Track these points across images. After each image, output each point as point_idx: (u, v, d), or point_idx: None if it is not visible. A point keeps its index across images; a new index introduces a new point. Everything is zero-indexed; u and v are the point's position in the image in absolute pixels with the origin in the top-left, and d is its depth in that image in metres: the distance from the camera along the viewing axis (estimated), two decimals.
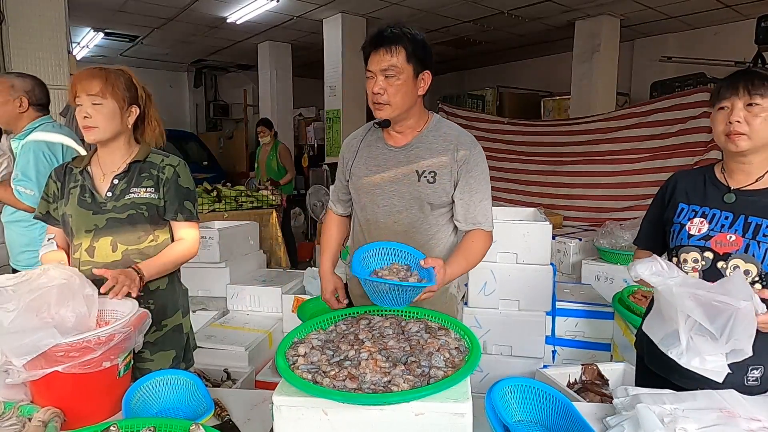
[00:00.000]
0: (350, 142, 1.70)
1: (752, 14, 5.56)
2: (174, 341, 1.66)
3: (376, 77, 1.47)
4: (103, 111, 1.50)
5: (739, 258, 1.30)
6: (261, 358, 2.75)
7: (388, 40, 1.44)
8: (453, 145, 1.55)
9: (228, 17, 6.67)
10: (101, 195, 1.56)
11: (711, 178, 1.43)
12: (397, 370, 1.12)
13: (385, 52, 1.44)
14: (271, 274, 3.51)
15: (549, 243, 2.63)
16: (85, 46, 8.05)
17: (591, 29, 6.54)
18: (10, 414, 1.18)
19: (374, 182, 1.59)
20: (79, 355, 1.16)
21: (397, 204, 1.57)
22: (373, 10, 6.35)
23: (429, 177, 1.53)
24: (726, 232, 1.33)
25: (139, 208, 1.55)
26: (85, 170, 1.58)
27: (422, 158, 1.55)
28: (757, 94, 1.27)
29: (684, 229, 1.40)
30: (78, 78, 1.50)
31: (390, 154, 1.58)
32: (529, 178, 5.22)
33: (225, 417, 1.30)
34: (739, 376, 1.32)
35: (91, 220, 1.53)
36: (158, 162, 1.62)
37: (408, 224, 1.57)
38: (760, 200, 1.33)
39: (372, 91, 1.48)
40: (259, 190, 4.81)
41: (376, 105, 1.50)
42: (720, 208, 1.37)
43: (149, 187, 1.58)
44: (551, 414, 1.22)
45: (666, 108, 4.30)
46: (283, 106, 8.41)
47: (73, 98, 1.49)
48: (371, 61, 1.48)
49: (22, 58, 3.76)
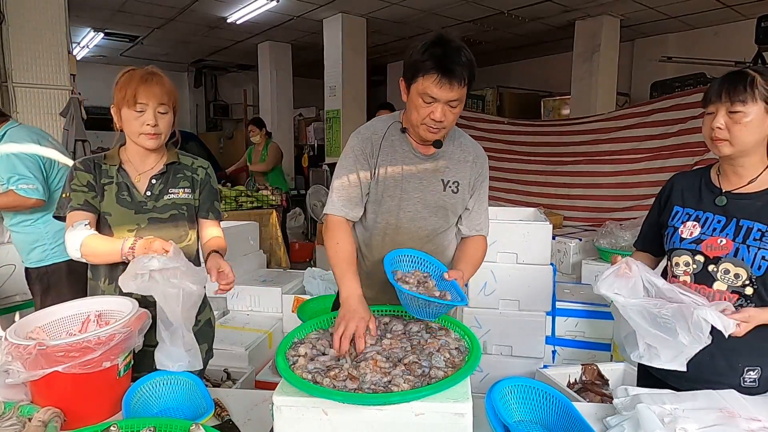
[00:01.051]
0: (369, 136, 1.56)
1: (752, 14, 5.56)
2: (206, 335, 1.73)
3: (440, 105, 1.39)
4: (167, 119, 1.54)
5: (729, 262, 1.31)
6: (261, 358, 2.75)
7: (453, 73, 1.35)
8: (472, 157, 1.61)
9: (228, 17, 6.67)
10: (140, 194, 1.57)
11: (706, 180, 1.44)
12: (397, 370, 1.12)
13: (450, 86, 1.36)
14: (271, 274, 3.51)
15: (549, 243, 2.63)
16: (85, 46, 8.06)
17: (591, 29, 6.54)
18: (10, 414, 1.18)
19: (401, 187, 1.54)
20: (79, 355, 1.16)
21: (422, 211, 1.56)
22: (373, 10, 6.35)
23: (453, 187, 1.57)
24: (717, 236, 1.34)
25: (180, 208, 1.60)
26: (122, 168, 1.58)
27: (447, 168, 1.57)
28: (738, 101, 1.27)
29: (677, 233, 1.41)
30: (142, 83, 1.48)
31: (417, 160, 1.55)
32: (529, 178, 5.22)
33: (225, 417, 1.30)
34: (735, 378, 1.33)
35: (133, 219, 1.54)
36: (190, 164, 1.67)
37: (431, 230, 1.59)
38: (753, 203, 1.33)
39: (434, 119, 1.41)
40: (259, 190, 4.81)
41: (432, 129, 1.44)
42: (713, 212, 1.38)
43: (186, 188, 1.63)
44: (551, 414, 1.22)
45: (666, 108, 4.30)
46: (283, 106, 8.42)
47: (132, 101, 1.47)
48: (433, 87, 1.36)
49: (22, 58, 3.76)
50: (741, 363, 1.33)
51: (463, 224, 1.64)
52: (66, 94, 3.85)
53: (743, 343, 1.30)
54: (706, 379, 1.32)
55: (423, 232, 1.58)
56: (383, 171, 1.54)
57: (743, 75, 1.29)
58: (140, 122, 1.49)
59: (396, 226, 1.57)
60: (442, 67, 1.34)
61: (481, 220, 1.65)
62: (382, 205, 1.56)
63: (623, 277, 1.28)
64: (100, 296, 1.48)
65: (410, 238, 1.57)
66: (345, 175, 1.55)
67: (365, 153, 1.54)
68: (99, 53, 8.79)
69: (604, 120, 4.80)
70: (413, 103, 1.43)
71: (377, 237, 1.59)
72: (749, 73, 1.28)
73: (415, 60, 1.39)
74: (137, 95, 1.47)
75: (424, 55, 1.36)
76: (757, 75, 1.27)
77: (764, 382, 1.33)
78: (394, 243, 1.56)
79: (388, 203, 1.55)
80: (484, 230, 1.67)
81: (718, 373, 1.33)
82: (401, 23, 6.83)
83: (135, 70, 1.52)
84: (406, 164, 1.54)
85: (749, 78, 1.27)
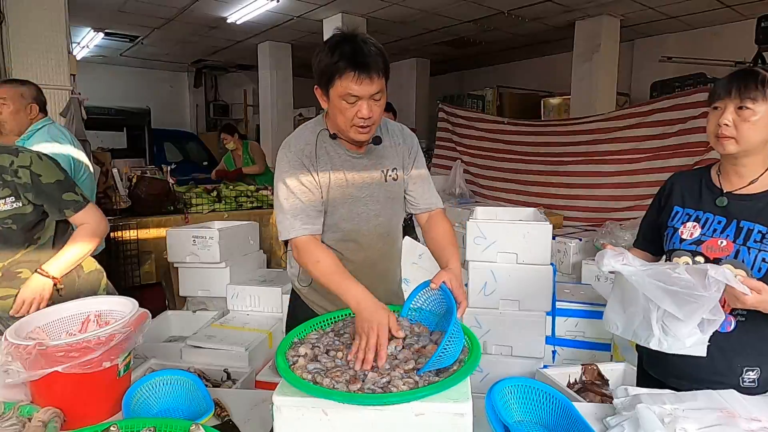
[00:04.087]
0: (302, 148, 1.49)
1: (752, 14, 5.55)
2: None
3: (364, 101, 1.37)
4: None
5: (729, 264, 1.29)
6: (261, 358, 2.75)
7: (369, 66, 1.34)
8: (400, 139, 1.61)
9: (228, 17, 6.67)
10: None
11: (706, 180, 1.42)
12: (396, 372, 1.12)
13: (369, 79, 1.34)
14: (271, 274, 3.50)
15: (549, 243, 2.62)
16: (85, 46, 8.05)
17: (591, 29, 6.54)
18: (10, 414, 1.18)
19: (348, 191, 1.52)
20: (79, 355, 1.16)
21: (374, 208, 1.56)
22: (373, 10, 6.35)
23: (393, 174, 1.58)
24: (718, 237, 1.32)
25: (4, 222, 1.43)
26: None
27: (383, 159, 1.57)
28: (748, 98, 1.25)
29: (677, 233, 1.40)
30: None
31: (354, 161, 1.53)
32: (529, 178, 5.21)
33: (225, 417, 1.30)
34: (734, 378, 1.32)
35: None
36: (7, 164, 1.44)
37: (387, 225, 1.60)
38: (754, 204, 1.31)
39: (362, 116, 1.38)
40: (259, 190, 4.80)
41: (363, 129, 1.42)
42: (713, 212, 1.36)
43: (7, 197, 1.42)
44: (551, 414, 1.22)
45: (666, 108, 4.30)
46: (283, 106, 8.41)
47: None
48: (352, 85, 1.34)
49: (22, 58, 3.76)
50: (740, 363, 1.33)
51: (416, 203, 1.63)
52: (66, 94, 3.84)
53: (742, 343, 1.31)
54: (705, 380, 1.32)
55: (381, 228, 1.58)
56: (326, 180, 1.49)
57: (754, 73, 1.27)
58: None
59: (357, 230, 1.55)
60: (357, 64, 1.32)
61: (432, 193, 1.65)
62: (335, 213, 1.52)
63: (620, 254, 1.27)
64: (100, 296, 1.48)
65: (372, 239, 1.57)
66: (293, 194, 1.45)
67: (304, 165, 1.47)
68: (99, 53, 8.79)
69: (604, 120, 4.80)
70: (337, 108, 1.40)
71: (341, 246, 1.55)
72: (760, 72, 1.27)
73: (326, 64, 1.36)
74: None
75: (335, 56, 1.34)
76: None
77: (764, 383, 1.33)
78: (358, 248, 1.56)
79: (340, 211, 1.52)
80: (439, 203, 1.66)
81: (717, 373, 1.32)
82: (401, 23, 6.82)
83: None
84: (346, 167, 1.51)
85: (760, 76, 1.26)
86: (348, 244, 1.56)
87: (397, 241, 1.68)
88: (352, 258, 1.55)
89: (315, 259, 1.41)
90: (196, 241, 3.20)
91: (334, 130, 1.50)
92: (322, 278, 1.39)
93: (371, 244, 1.57)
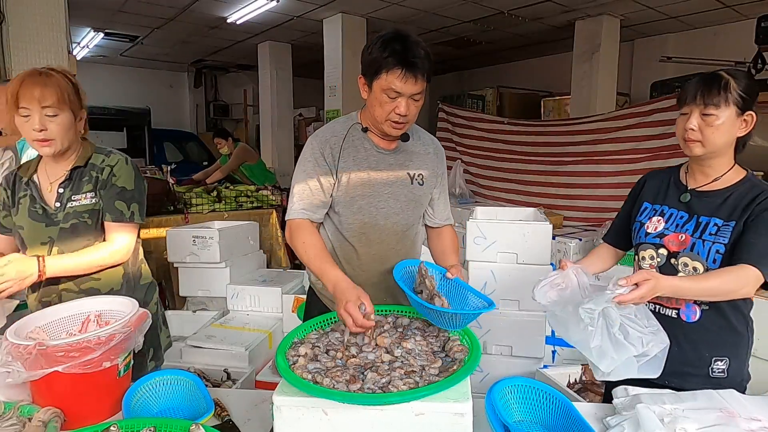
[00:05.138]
0: (328, 139, 1.54)
1: (752, 14, 5.55)
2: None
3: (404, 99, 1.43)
4: (59, 122, 1.42)
5: (686, 256, 1.36)
6: (261, 358, 2.75)
7: (416, 66, 1.39)
8: (432, 149, 1.67)
9: (228, 17, 6.67)
10: (51, 206, 1.49)
11: (675, 178, 1.50)
12: (397, 372, 1.12)
13: (414, 79, 1.40)
14: (271, 274, 3.50)
15: (549, 243, 2.62)
16: (85, 46, 8.06)
17: (591, 29, 6.53)
18: (10, 414, 1.18)
19: (370, 185, 1.55)
20: (79, 355, 1.16)
21: (394, 206, 1.58)
22: (373, 10, 6.35)
23: (419, 179, 1.62)
24: (679, 231, 1.39)
25: (80, 216, 1.48)
26: (31, 180, 1.51)
27: (411, 161, 1.61)
28: (711, 104, 1.31)
29: (643, 228, 1.47)
30: (22, 84, 1.38)
31: (381, 156, 1.57)
32: (529, 178, 5.21)
33: (225, 417, 1.30)
34: (704, 368, 1.37)
35: (44, 232, 1.47)
36: (99, 162, 1.53)
37: (405, 225, 1.62)
38: (713, 200, 1.38)
39: (399, 113, 1.44)
40: (260, 190, 4.80)
41: (397, 124, 1.47)
42: (677, 208, 1.44)
43: (89, 192, 1.49)
44: (551, 414, 1.22)
45: (666, 108, 4.29)
46: (283, 106, 8.41)
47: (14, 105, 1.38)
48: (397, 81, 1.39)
49: (22, 58, 3.76)
50: (708, 353, 1.37)
51: (433, 216, 1.71)
52: None
53: (709, 332, 1.37)
54: (676, 371, 1.34)
55: (398, 227, 1.60)
56: (348, 172, 1.53)
57: (718, 78, 1.32)
58: (28, 128, 1.40)
59: (373, 224, 1.57)
60: (405, 62, 1.38)
61: (447, 210, 1.75)
62: (354, 205, 1.56)
63: (556, 288, 1.32)
64: (100, 296, 1.48)
65: (387, 235, 1.59)
66: (305, 181, 1.53)
67: (324, 156, 1.53)
68: (99, 53, 8.79)
69: (604, 120, 4.79)
70: (377, 100, 1.45)
71: (354, 239, 1.59)
72: (723, 77, 1.32)
73: (375, 57, 1.41)
74: (18, 98, 1.37)
75: (386, 52, 1.39)
76: (731, 79, 1.31)
77: (733, 373, 1.37)
78: (371, 242, 1.58)
79: (359, 203, 1.55)
80: (451, 219, 1.77)
81: (687, 363, 1.36)
82: (401, 23, 6.82)
83: (27, 71, 1.42)
84: (371, 162, 1.55)
85: (723, 81, 1.31)
86: (362, 237, 1.58)
87: (416, 245, 1.71)
88: (364, 251, 1.58)
89: (302, 240, 1.48)
90: (196, 241, 3.20)
91: (368, 122, 1.56)
92: (305, 257, 1.46)
93: (385, 239, 1.59)
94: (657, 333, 1.20)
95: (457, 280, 1.46)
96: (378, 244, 1.58)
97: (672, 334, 1.26)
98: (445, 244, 1.69)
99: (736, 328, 1.37)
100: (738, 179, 1.38)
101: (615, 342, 1.16)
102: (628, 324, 1.17)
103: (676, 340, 1.31)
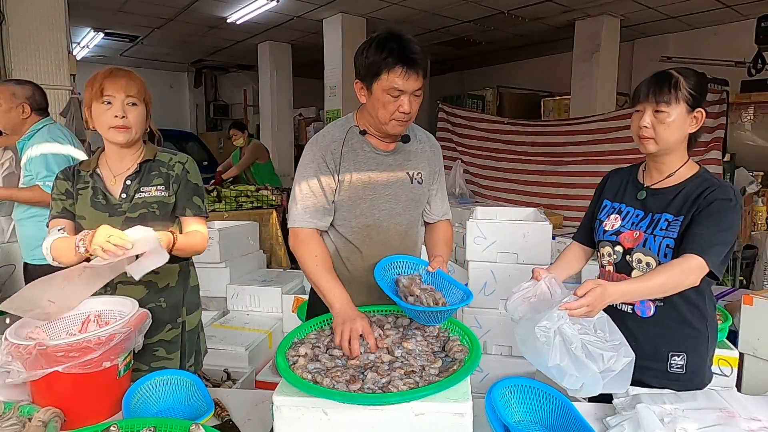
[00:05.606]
0: (328, 144, 1.55)
1: (752, 14, 5.55)
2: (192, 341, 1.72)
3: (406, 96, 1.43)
4: (137, 112, 1.53)
5: (639, 252, 1.40)
6: (261, 358, 2.75)
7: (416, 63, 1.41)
8: (429, 147, 1.68)
9: (228, 17, 6.67)
10: (115, 197, 1.57)
11: (633, 176, 1.53)
12: (397, 373, 1.12)
13: (415, 75, 1.42)
14: (271, 274, 3.50)
15: (549, 243, 2.62)
16: (85, 46, 8.05)
17: (591, 29, 6.53)
18: (10, 414, 1.18)
19: (371, 187, 1.56)
20: (79, 355, 1.16)
21: (395, 207, 1.59)
22: (373, 10, 6.35)
23: (418, 178, 1.62)
24: (634, 229, 1.42)
25: (150, 206, 1.57)
26: (95, 173, 1.59)
27: (409, 161, 1.62)
28: (662, 102, 1.34)
29: (602, 225, 1.51)
30: (107, 76, 1.50)
31: (380, 158, 1.57)
32: (529, 178, 5.21)
33: (225, 417, 1.30)
34: (662, 363, 1.39)
35: (107, 222, 1.50)
36: (167, 160, 1.64)
37: (407, 225, 1.63)
38: (666, 196, 1.42)
39: (404, 111, 1.45)
40: (260, 190, 4.80)
41: (402, 122, 1.48)
42: (634, 206, 1.47)
43: (159, 185, 1.59)
44: (551, 414, 1.22)
45: None
46: (283, 106, 8.41)
47: (99, 94, 1.49)
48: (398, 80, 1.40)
49: (22, 58, 3.76)
50: (665, 348, 1.40)
51: (430, 212, 1.72)
52: (66, 94, 3.85)
53: (664, 328, 1.39)
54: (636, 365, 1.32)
55: (401, 227, 1.61)
56: (349, 176, 1.54)
57: (668, 76, 1.36)
58: (109, 115, 1.50)
59: (376, 226, 1.58)
60: (405, 59, 1.39)
61: (445, 206, 1.75)
62: (356, 208, 1.56)
63: (526, 301, 1.34)
64: (100, 296, 1.48)
65: (390, 235, 1.59)
66: (308, 186, 1.54)
67: (326, 161, 1.53)
68: (99, 53, 8.79)
69: (604, 120, 4.80)
70: (379, 102, 1.45)
71: (357, 241, 1.59)
72: (674, 75, 1.36)
73: (373, 59, 1.42)
74: (104, 88, 1.48)
75: (384, 52, 1.40)
76: (681, 77, 1.35)
77: (691, 369, 1.39)
78: (374, 243, 1.58)
79: (361, 206, 1.56)
80: (449, 214, 1.77)
81: (645, 357, 1.36)
82: (401, 23, 6.82)
83: (109, 68, 1.55)
84: (371, 164, 1.56)
85: (673, 80, 1.35)
86: (365, 239, 1.59)
87: (417, 244, 1.72)
88: (367, 252, 1.58)
89: (313, 253, 1.50)
90: None
91: (366, 125, 1.56)
92: (315, 272, 1.47)
93: (388, 240, 1.60)
94: (619, 347, 1.18)
95: (439, 272, 1.45)
96: (381, 244, 1.59)
97: (628, 328, 1.30)
98: (438, 237, 1.70)
99: (691, 323, 1.39)
100: (690, 174, 1.42)
101: (575, 360, 1.13)
102: (586, 340, 1.16)
103: (633, 334, 1.35)
